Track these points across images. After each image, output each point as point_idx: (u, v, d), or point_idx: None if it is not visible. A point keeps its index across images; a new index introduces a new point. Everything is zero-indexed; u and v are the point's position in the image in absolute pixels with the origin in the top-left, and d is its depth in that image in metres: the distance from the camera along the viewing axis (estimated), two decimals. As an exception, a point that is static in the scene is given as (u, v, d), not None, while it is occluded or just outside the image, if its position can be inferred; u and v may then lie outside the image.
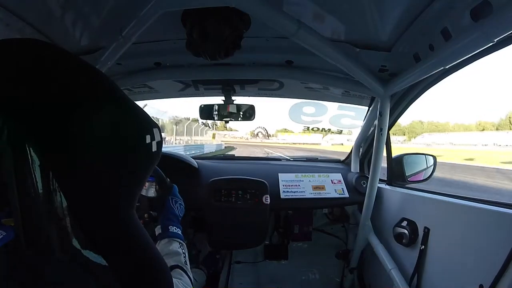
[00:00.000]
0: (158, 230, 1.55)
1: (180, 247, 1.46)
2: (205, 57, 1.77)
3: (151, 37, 1.94)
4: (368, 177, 2.69)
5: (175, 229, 1.55)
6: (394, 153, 2.84)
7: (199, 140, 37.33)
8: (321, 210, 3.36)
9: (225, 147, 49.84)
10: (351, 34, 1.83)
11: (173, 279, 0.90)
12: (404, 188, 2.67)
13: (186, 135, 31.95)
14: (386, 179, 2.85)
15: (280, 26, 1.60)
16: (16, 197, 0.60)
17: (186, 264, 1.36)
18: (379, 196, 2.76)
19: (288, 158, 4.13)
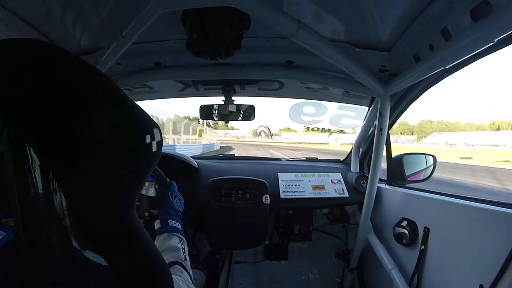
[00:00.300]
0: (157, 225, 1.56)
1: (180, 242, 1.46)
2: (205, 57, 1.77)
3: (151, 37, 1.94)
4: (368, 177, 2.70)
5: (175, 223, 1.56)
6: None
7: (195, 140, 34.83)
8: (321, 210, 3.37)
9: (220, 147, 44.79)
10: (351, 34, 1.83)
11: (173, 276, 0.90)
12: (404, 188, 2.67)
13: (182, 133, 30.65)
14: (386, 179, 2.85)
15: (280, 26, 1.60)
16: (16, 197, 0.60)
17: (186, 260, 1.36)
18: (379, 196, 2.76)
19: (288, 158, 4.12)
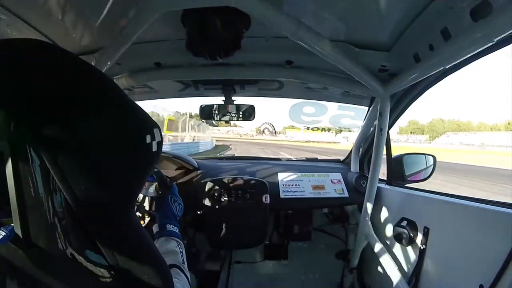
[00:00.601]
0: (155, 228, 1.57)
1: (178, 246, 1.47)
2: (205, 57, 1.78)
3: (151, 37, 1.95)
4: (368, 177, 2.70)
5: (173, 227, 1.57)
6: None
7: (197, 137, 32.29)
8: (321, 210, 3.37)
9: (216, 146, 38.97)
10: (351, 34, 1.84)
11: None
12: (403, 188, 2.69)
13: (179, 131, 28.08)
14: (385, 178, 2.86)
15: (279, 25, 1.61)
16: (16, 197, 0.61)
17: (184, 264, 1.37)
18: (379, 195, 2.77)
19: (289, 157, 4.14)
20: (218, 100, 2.77)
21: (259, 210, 2.74)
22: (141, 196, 1.73)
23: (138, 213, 1.71)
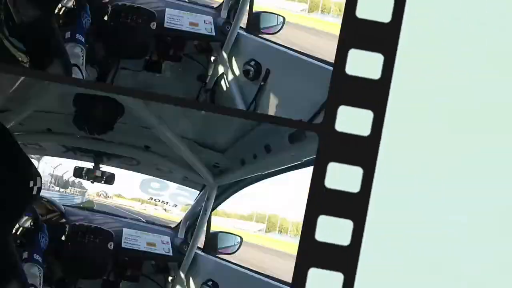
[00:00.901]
0: (24, 255, 1.91)
1: (39, 271, 1.97)
2: (86, 132, 2.16)
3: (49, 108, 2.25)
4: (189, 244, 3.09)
5: (38, 257, 1.95)
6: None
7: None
8: (151, 261, 3.61)
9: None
10: (198, 134, 2.30)
11: None
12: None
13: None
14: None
15: (144, 119, 2.05)
16: None
17: (40, 285, 1.94)
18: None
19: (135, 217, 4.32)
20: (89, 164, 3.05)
21: (104, 254, 2.98)
22: (17, 226, 2.00)
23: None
